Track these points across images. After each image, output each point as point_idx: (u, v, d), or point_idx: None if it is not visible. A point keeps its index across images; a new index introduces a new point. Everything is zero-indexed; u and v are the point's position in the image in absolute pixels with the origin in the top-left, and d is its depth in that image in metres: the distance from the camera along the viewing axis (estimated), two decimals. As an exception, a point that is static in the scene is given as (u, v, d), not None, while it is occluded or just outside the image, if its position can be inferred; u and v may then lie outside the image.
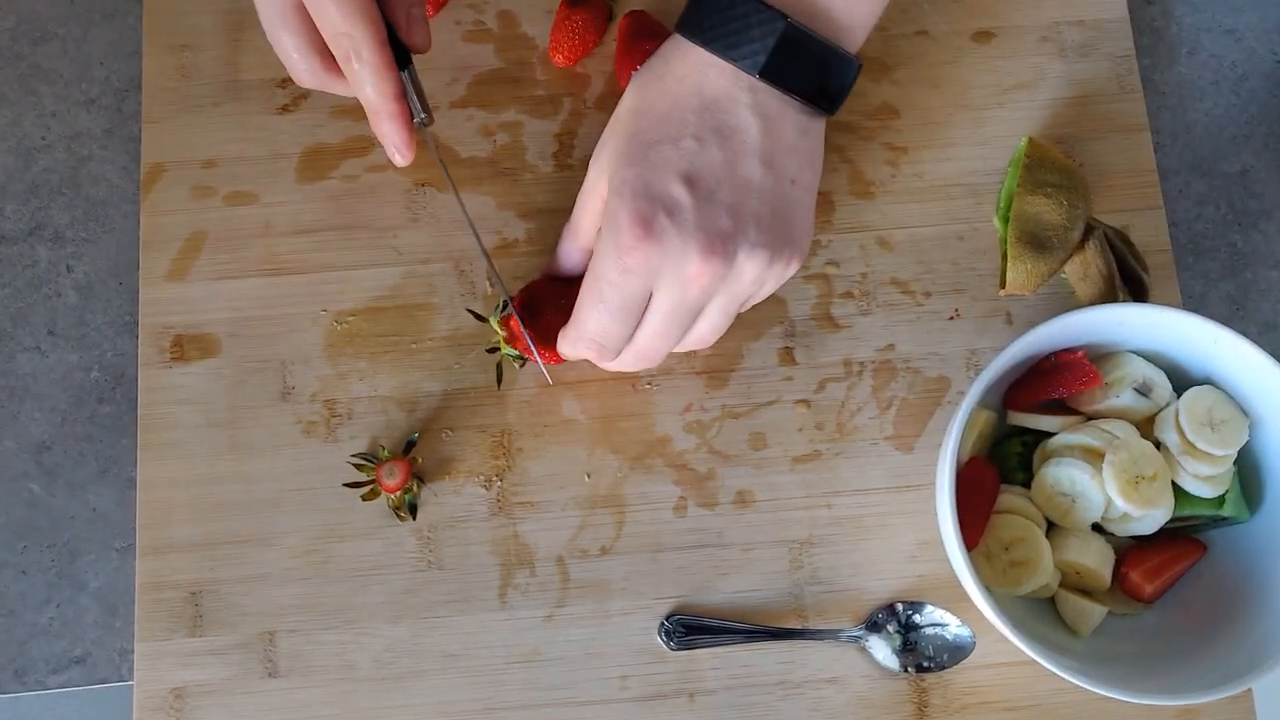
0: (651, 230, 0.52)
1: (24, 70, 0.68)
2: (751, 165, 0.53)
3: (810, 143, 0.55)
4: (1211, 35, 0.71)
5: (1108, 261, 0.63)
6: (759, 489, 0.62)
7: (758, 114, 0.53)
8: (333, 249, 0.65)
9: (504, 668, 0.60)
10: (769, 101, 0.53)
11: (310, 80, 0.56)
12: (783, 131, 0.54)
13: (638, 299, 0.54)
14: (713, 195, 0.53)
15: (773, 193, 0.54)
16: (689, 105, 0.53)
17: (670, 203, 0.52)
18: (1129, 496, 0.56)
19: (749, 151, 0.53)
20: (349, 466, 0.62)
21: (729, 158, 0.53)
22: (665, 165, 0.53)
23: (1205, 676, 0.54)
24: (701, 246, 0.52)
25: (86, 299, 0.65)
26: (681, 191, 0.52)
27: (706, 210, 0.52)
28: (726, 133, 0.53)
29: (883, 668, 0.60)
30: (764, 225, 0.53)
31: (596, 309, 0.54)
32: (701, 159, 0.53)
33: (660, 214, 0.52)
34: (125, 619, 0.62)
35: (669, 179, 0.52)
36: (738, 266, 0.53)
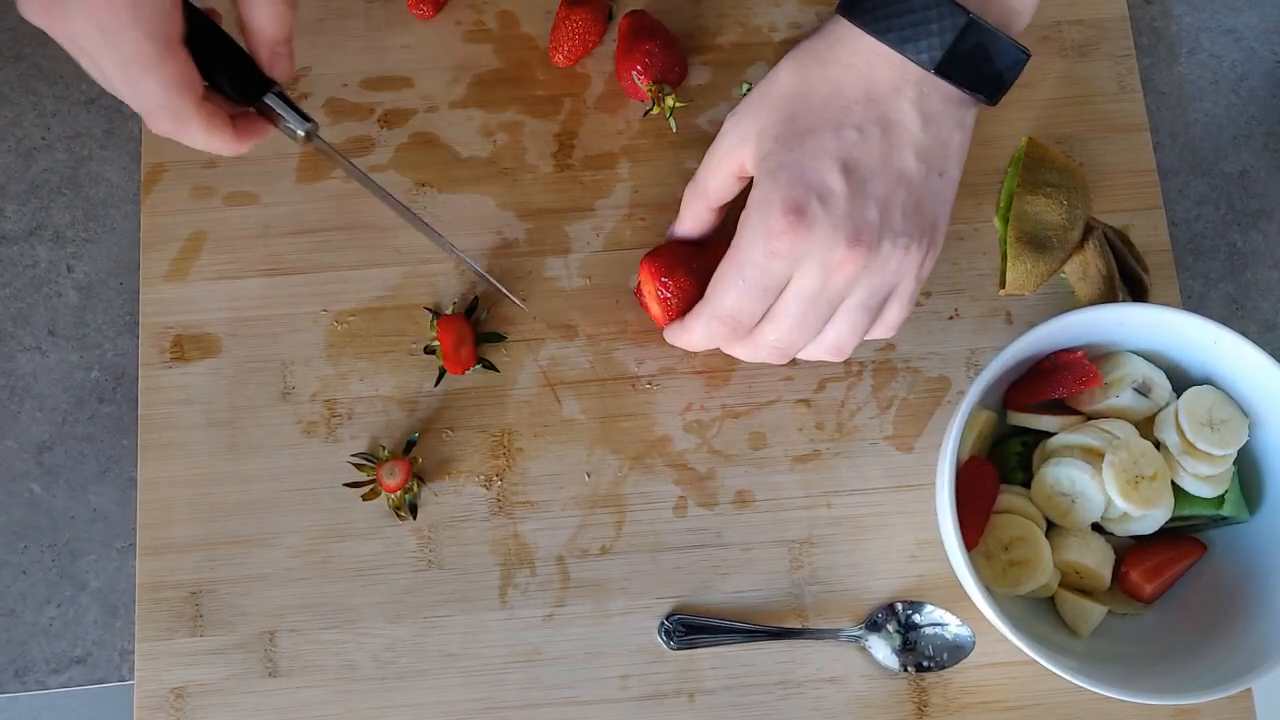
0: (805, 217, 0.52)
1: (24, 70, 0.68)
2: (907, 158, 0.53)
3: (963, 136, 0.54)
4: (1211, 35, 0.71)
5: (1108, 261, 0.63)
6: (759, 489, 0.62)
7: (920, 108, 0.53)
8: (333, 249, 0.65)
9: (504, 667, 0.60)
10: (934, 95, 0.53)
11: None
12: (941, 126, 0.53)
13: (780, 281, 0.54)
14: (865, 186, 0.52)
15: (921, 185, 0.53)
16: (853, 95, 0.53)
17: (825, 191, 0.52)
18: (1129, 496, 0.56)
19: (907, 144, 0.53)
20: (349, 466, 0.62)
21: (885, 150, 0.53)
22: (823, 153, 0.52)
23: (1205, 676, 0.54)
24: (849, 235, 0.52)
25: (87, 299, 0.66)
26: (837, 180, 0.52)
27: (858, 201, 0.52)
28: (887, 125, 0.53)
29: (882, 667, 0.60)
30: (909, 216, 0.53)
31: (736, 287, 0.54)
32: (860, 149, 0.53)
33: (814, 201, 0.52)
34: (125, 619, 0.62)
35: (826, 166, 0.52)
36: (881, 256, 0.53)
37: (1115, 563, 0.59)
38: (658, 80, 0.64)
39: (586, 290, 0.65)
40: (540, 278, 0.65)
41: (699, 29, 0.68)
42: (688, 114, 0.67)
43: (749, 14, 0.68)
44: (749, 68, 0.67)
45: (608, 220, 0.65)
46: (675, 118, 0.65)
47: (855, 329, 0.55)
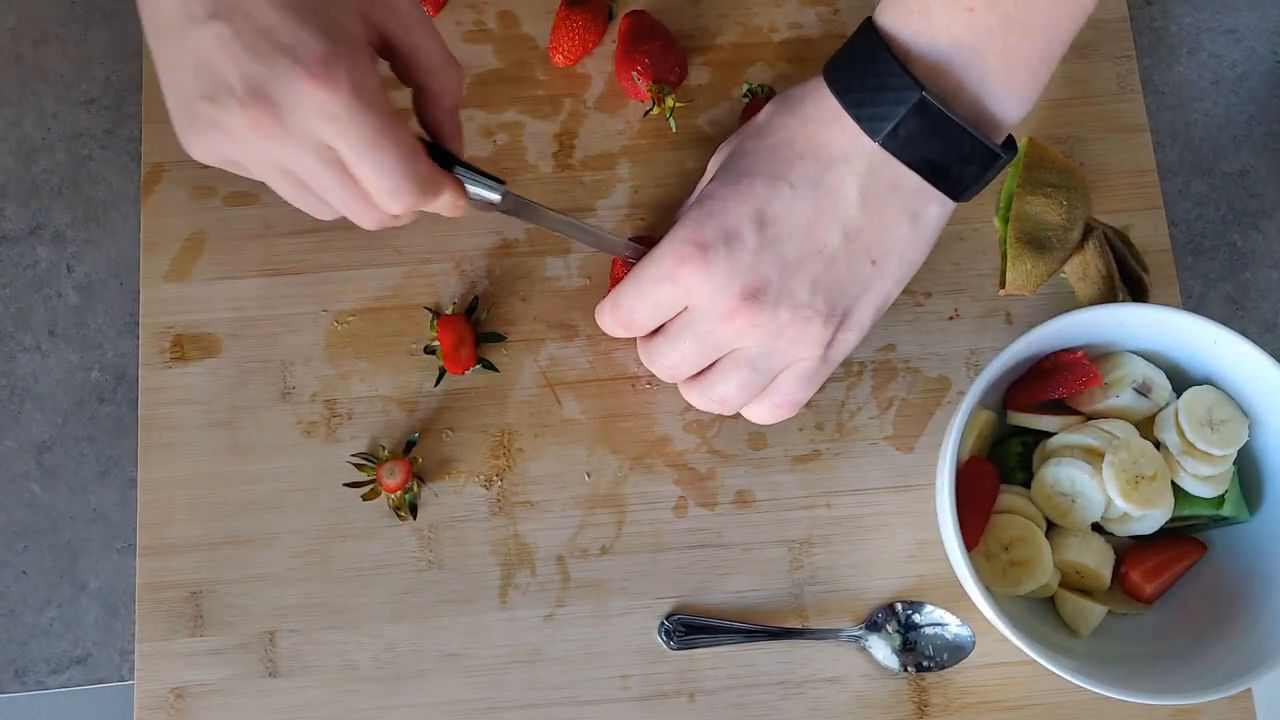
0: (705, 255, 0.51)
1: (24, 70, 0.68)
2: (831, 231, 0.51)
3: (915, 232, 0.52)
4: (1211, 35, 0.71)
5: (1108, 261, 0.63)
6: (759, 489, 0.62)
7: (863, 185, 0.50)
8: (333, 249, 0.65)
9: (504, 667, 0.60)
10: (882, 175, 0.50)
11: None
12: (884, 211, 0.51)
13: (669, 302, 0.54)
14: (777, 243, 0.51)
15: (844, 265, 0.52)
16: (800, 150, 0.51)
17: (734, 236, 0.51)
18: (1129, 496, 0.56)
19: (836, 218, 0.51)
20: (349, 466, 0.62)
21: (814, 217, 0.51)
22: (749, 198, 0.52)
23: (1205, 676, 0.54)
24: (744, 287, 0.51)
25: (87, 299, 0.66)
26: (750, 230, 0.51)
27: (764, 254, 0.51)
28: (822, 191, 0.51)
29: (883, 667, 0.60)
30: (819, 290, 0.52)
31: (633, 290, 0.55)
32: (785, 207, 0.51)
33: (720, 243, 0.51)
34: (125, 619, 0.62)
35: (745, 213, 0.52)
36: (777, 321, 0.52)
37: (1115, 563, 0.59)
38: (658, 80, 0.64)
39: (586, 290, 0.65)
40: (540, 278, 0.65)
41: (699, 29, 0.68)
42: (688, 114, 0.67)
43: (749, 14, 0.68)
44: (749, 68, 0.67)
45: (608, 220, 0.65)
46: (675, 118, 0.65)
47: (742, 387, 0.54)
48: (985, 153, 0.49)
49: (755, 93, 0.65)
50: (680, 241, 0.52)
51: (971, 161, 0.50)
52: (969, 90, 0.49)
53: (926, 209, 0.51)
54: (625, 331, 0.57)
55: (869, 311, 0.53)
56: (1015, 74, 0.49)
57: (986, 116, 0.50)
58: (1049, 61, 0.49)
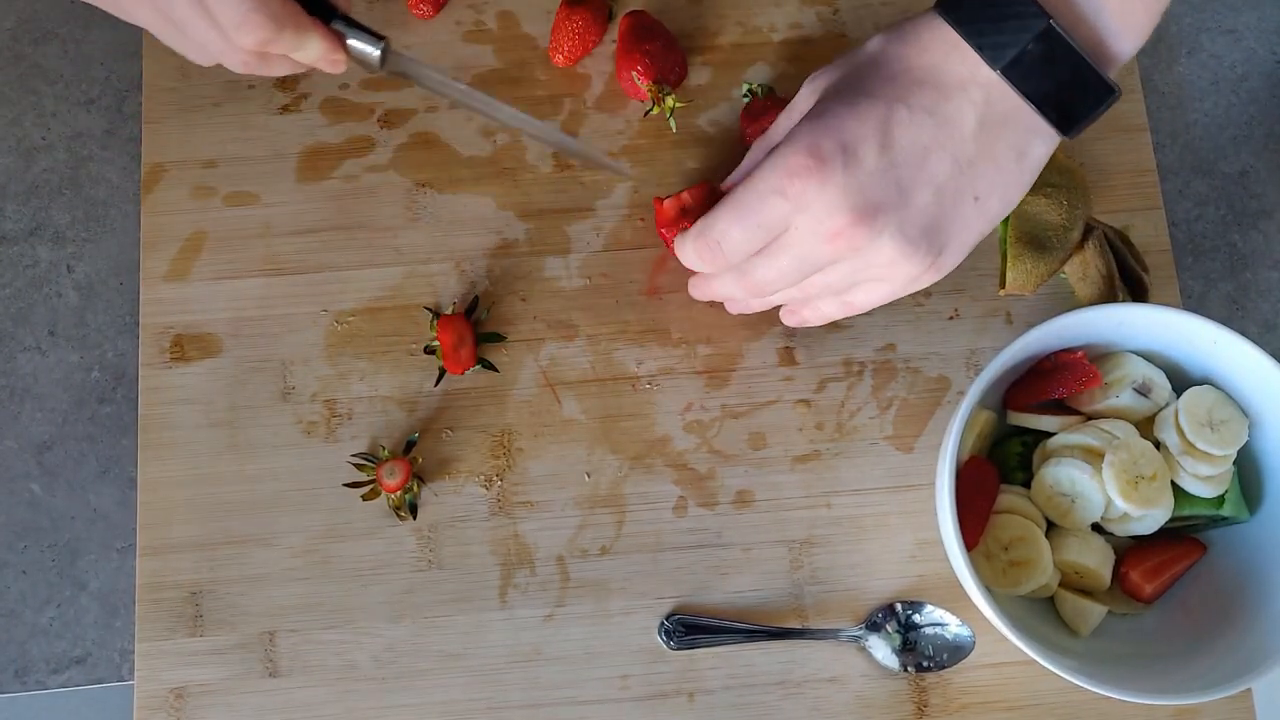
0: (823, 167, 0.50)
1: (24, 70, 0.68)
2: (944, 161, 0.51)
3: (1019, 170, 0.51)
4: (1211, 35, 0.71)
5: (1108, 261, 0.63)
6: (759, 489, 0.62)
7: (980, 114, 0.50)
8: (333, 249, 0.65)
9: (504, 667, 0.60)
10: (999, 106, 0.50)
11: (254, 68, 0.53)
12: (996, 144, 0.51)
13: (775, 223, 0.52)
14: (895, 167, 0.50)
15: (951, 198, 0.51)
16: (920, 77, 0.51)
17: (853, 151, 0.50)
18: (1129, 496, 0.56)
19: (951, 147, 0.51)
20: (349, 466, 0.62)
21: (928, 144, 0.51)
22: (869, 117, 0.51)
23: (1205, 676, 0.54)
24: (855, 207, 0.50)
25: (87, 299, 0.66)
26: (870, 147, 0.50)
27: (880, 178, 0.50)
28: (940, 119, 0.50)
29: (882, 667, 0.60)
30: (922, 222, 0.51)
31: (734, 212, 0.53)
32: (903, 130, 0.51)
33: (838, 156, 0.50)
34: (125, 619, 0.62)
35: (866, 132, 0.51)
36: (876, 247, 0.51)
37: (1115, 563, 0.59)
38: (658, 80, 0.64)
39: (586, 290, 0.65)
40: (540, 278, 0.65)
41: (699, 29, 0.68)
42: (688, 114, 0.67)
43: (749, 14, 0.68)
44: (749, 68, 0.67)
45: (608, 220, 0.65)
46: (675, 118, 0.65)
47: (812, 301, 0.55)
48: (1101, 85, 0.50)
49: (755, 93, 0.65)
50: (795, 153, 0.51)
51: (1087, 94, 0.50)
52: (1087, 22, 0.50)
53: (1033, 146, 0.51)
54: (708, 260, 0.55)
55: (961, 251, 0.53)
56: (1133, 11, 0.50)
57: (1103, 49, 0.51)
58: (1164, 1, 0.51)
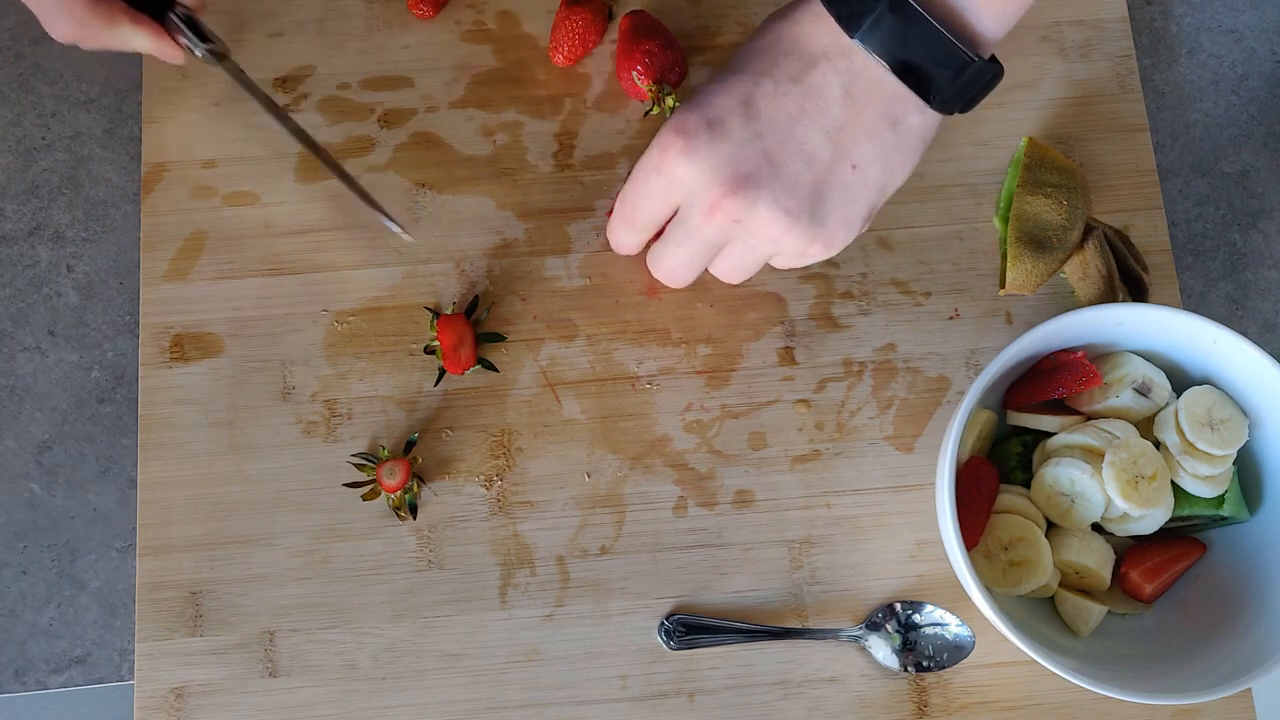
0: (690, 140, 0.52)
1: (24, 70, 0.68)
2: (812, 130, 0.51)
3: (896, 138, 0.52)
4: (1211, 35, 0.71)
5: (1107, 261, 0.63)
6: (759, 489, 0.62)
7: (844, 83, 0.51)
8: (333, 249, 0.65)
9: (504, 667, 0.60)
10: (864, 75, 0.51)
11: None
12: (864, 110, 0.51)
13: (660, 198, 0.54)
14: (761, 136, 0.51)
15: (824, 167, 0.52)
16: (786, 49, 0.52)
17: (718, 122, 0.52)
18: (1129, 496, 0.56)
19: (817, 115, 0.51)
20: (349, 466, 0.62)
21: (794, 113, 0.51)
22: (734, 90, 0.52)
23: (1205, 676, 0.54)
24: (726, 178, 0.51)
25: (87, 299, 0.66)
26: (735, 117, 0.52)
27: (747, 147, 0.51)
28: (805, 88, 0.51)
29: (882, 667, 0.60)
30: (798, 193, 0.52)
31: (630, 187, 0.56)
32: (768, 100, 0.51)
33: (703, 129, 0.52)
34: (125, 619, 0.62)
35: (730, 104, 0.52)
36: (756, 218, 0.52)
37: (1115, 563, 0.59)
38: (658, 80, 0.64)
39: (586, 290, 0.65)
40: (540, 278, 0.65)
41: (699, 29, 0.68)
42: (688, 114, 0.67)
43: (749, 14, 0.68)
44: (749, 68, 0.67)
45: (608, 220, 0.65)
46: (675, 118, 0.65)
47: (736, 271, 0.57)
48: (960, 59, 0.50)
49: None
50: (665, 131, 0.53)
51: (946, 67, 0.50)
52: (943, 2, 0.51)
53: (906, 116, 0.52)
54: (632, 232, 0.58)
55: (849, 222, 0.53)
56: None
57: (962, 26, 0.51)
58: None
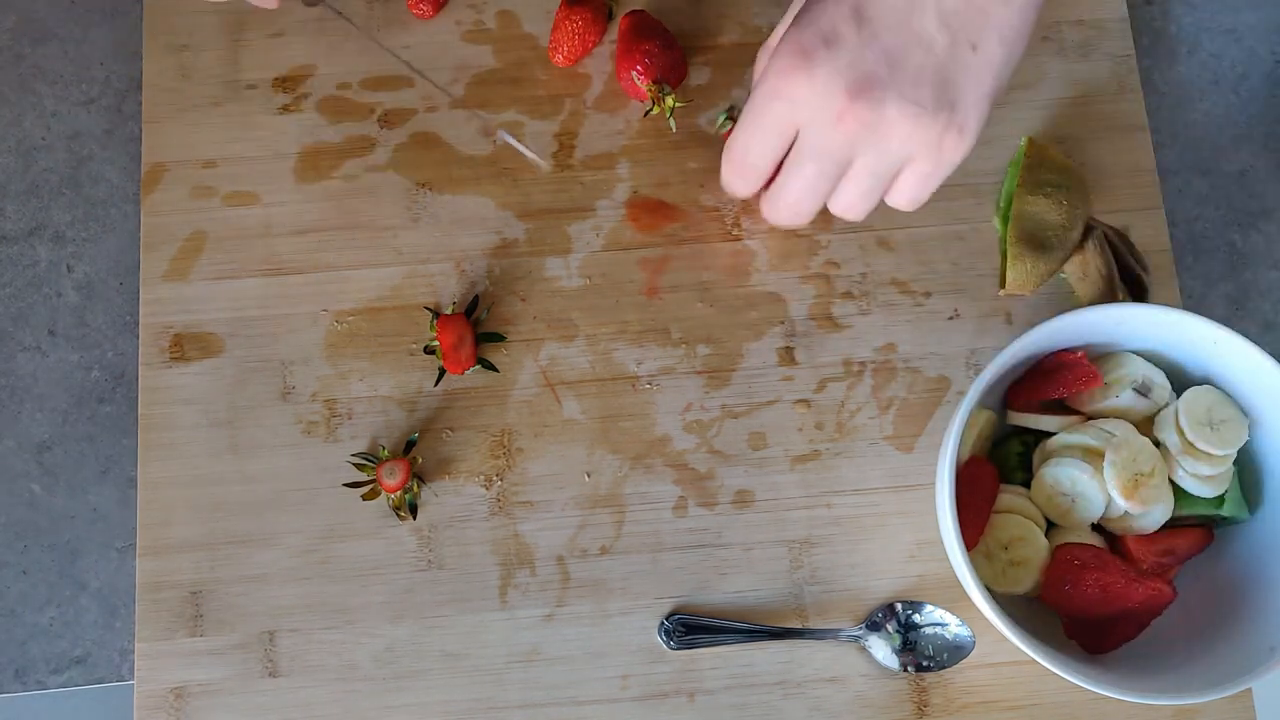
0: (807, 59, 0.51)
1: (24, 70, 0.68)
2: (928, 18, 0.51)
3: (1010, 13, 0.51)
4: (1211, 35, 0.71)
5: (1107, 261, 0.63)
6: (759, 489, 0.62)
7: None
8: (333, 249, 0.65)
9: (504, 667, 0.60)
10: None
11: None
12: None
13: (780, 127, 0.53)
14: (878, 37, 0.51)
15: (946, 53, 0.51)
16: None
17: (833, 35, 0.51)
18: (1129, 495, 0.56)
19: (927, 5, 0.50)
20: (349, 466, 0.62)
21: (904, 7, 0.51)
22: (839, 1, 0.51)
23: (1205, 676, 0.54)
24: (850, 85, 0.50)
25: (87, 299, 0.66)
26: (848, 25, 0.51)
27: (865, 51, 0.51)
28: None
29: (882, 667, 0.60)
30: (924, 82, 0.51)
31: (743, 130, 0.55)
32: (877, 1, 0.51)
33: (819, 45, 0.51)
34: (125, 619, 0.62)
35: (841, 14, 0.51)
36: (886, 119, 0.51)
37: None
38: (658, 80, 0.64)
39: (586, 290, 0.65)
40: (540, 278, 0.65)
41: (699, 29, 0.68)
42: (688, 114, 0.67)
43: (749, 14, 0.68)
44: (749, 68, 0.67)
45: (608, 220, 0.65)
46: (675, 118, 0.65)
47: (864, 195, 0.54)
48: None
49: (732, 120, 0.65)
50: (780, 55, 0.51)
51: None
52: None
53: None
54: (747, 179, 0.57)
55: (978, 103, 0.53)
56: None
57: None
58: None
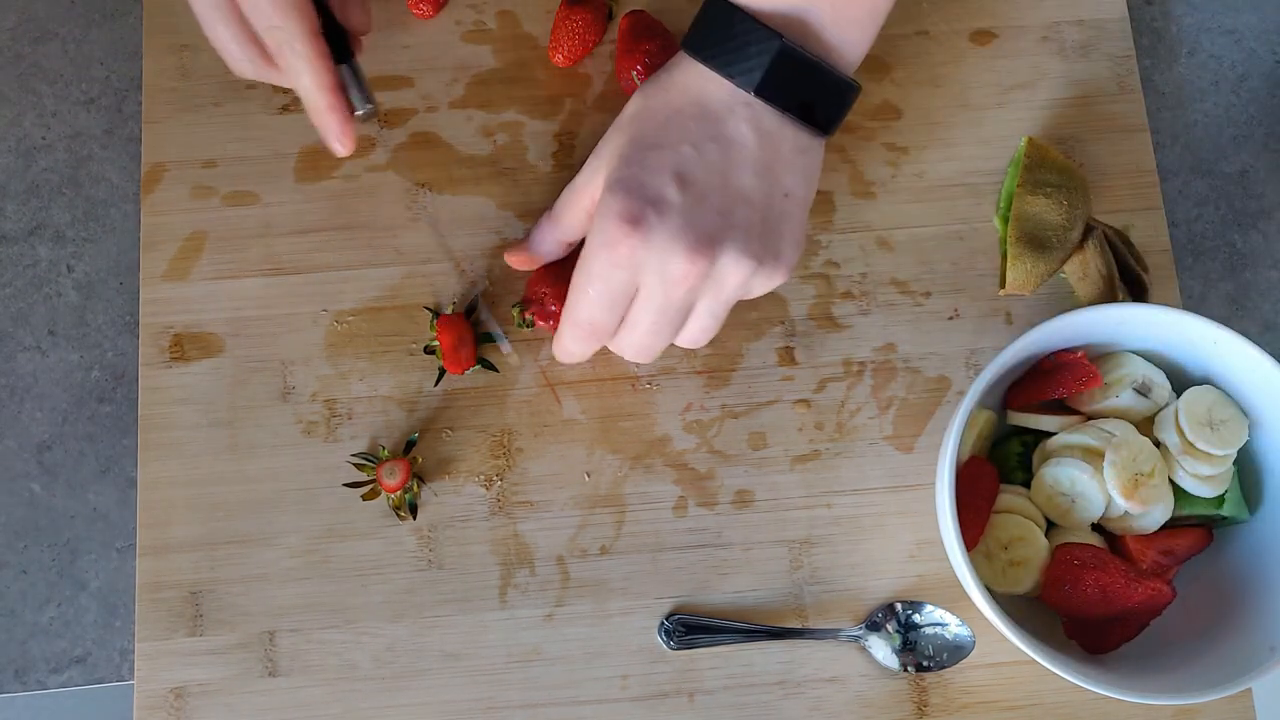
0: (640, 226, 0.53)
1: (24, 70, 0.68)
2: (745, 175, 0.54)
3: (808, 160, 0.56)
4: (1211, 35, 0.71)
5: (1107, 261, 0.63)
6: (759, 489, 0.62)
7: (755, 127, 0.54)
8: (333, 249, 0.65)
9: (504, 667, 0.60)
10: (766, 117, 0.54)
11: (250, 71, 0.56)
12: (779, 146, 0.55)
13: (624, 292, 0.55)
14: (704, 199, 0.53)
15: (764, 203, 0.54)
16: (689, 114, 0.55)
17: (660, 201, 0.53)
18: (1129, 495, 0.56)
19: (744, 161, 0.54)
20: (349, 466, 0.62)
21: (723, 166, 0.54)
22: (660, 166, 0.54)
23: (1205, 676, 0.54)
24: (687, 246, 0.53)
25: (87, 299, 0.66)
26: (673, 191, 0.53)
27: (695, 212, 0.53)
28: (724, 142, 0.54)
29: (882, 667, 0.60)
30: (752, 233, 0.54)
31: (585, 299, 0.55)
32: (696, 163, 0.54)
33: (649, 211, 0.53)
34: (125, 619, 0.62)
35: (662, 179, 0.53)
36: (721, 269, 0.54)
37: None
38: (658, 80, 0.64)
39: (586, 290, 0.64)
40: (540, 278, 0.65)
41: (699, 29, 0.68)
42: (688, 114, 0.67)
43: (749, 14, 0.68)
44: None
45: (608, 220, 0.65)
46: (675, 118, 0.65)
47: (706, 329, 0.57)
48: (845, 86, 0.56)
49: None
50: (609, 222, 0.53)
51: (834, 96, 0.56)
52: (811, 43, 0.55)
53: (811, 142, 0.56)
54: (592, 344, 0.58)
55: (796, 241, 0.56)
56: (848, 31, 0.56)
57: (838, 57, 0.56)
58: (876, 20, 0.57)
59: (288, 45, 0.53)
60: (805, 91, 0.55)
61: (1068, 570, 0.56)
